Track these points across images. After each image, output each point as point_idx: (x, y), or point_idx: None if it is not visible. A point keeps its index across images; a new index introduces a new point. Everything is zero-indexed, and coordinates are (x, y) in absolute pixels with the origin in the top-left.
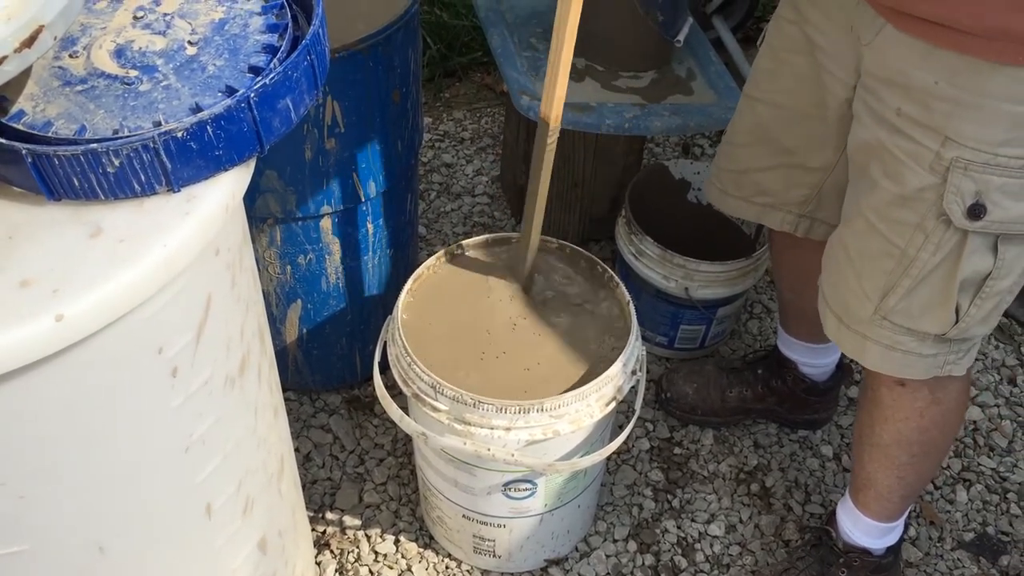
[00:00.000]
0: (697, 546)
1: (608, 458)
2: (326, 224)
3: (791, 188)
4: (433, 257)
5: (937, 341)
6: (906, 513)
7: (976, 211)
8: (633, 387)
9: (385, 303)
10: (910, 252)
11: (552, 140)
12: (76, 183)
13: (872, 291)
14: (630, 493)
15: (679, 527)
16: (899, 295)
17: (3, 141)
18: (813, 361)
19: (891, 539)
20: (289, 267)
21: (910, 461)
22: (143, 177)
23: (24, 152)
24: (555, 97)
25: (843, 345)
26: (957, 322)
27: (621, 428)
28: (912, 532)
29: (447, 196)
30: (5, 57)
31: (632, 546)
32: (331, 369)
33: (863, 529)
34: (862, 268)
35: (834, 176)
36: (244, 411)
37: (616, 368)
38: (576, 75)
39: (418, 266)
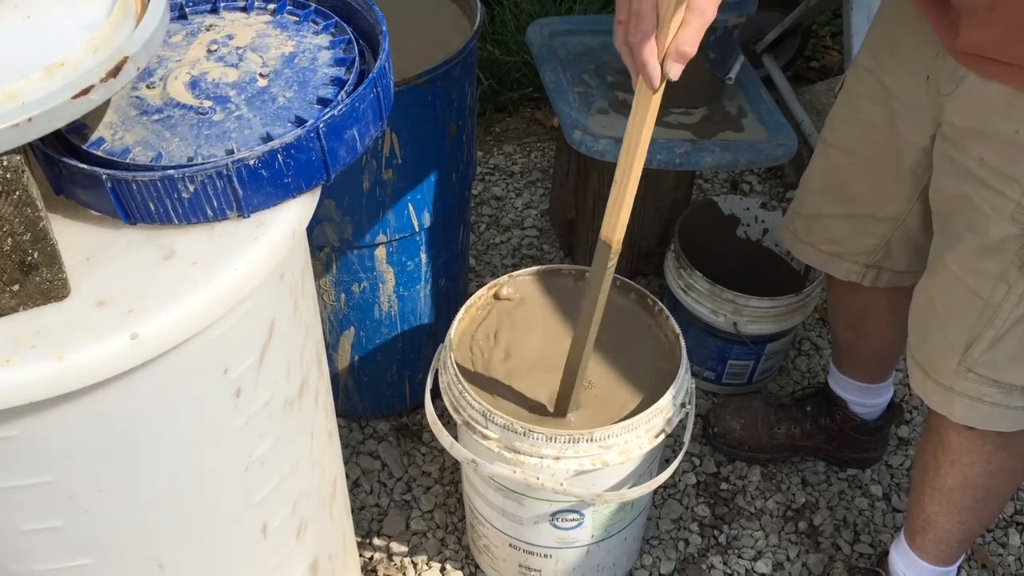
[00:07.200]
0: None
1: (654, 492)
2: (380, 253)
3: (859, 237)
4: (485, 287)
5: None
6: (961, 558)
7: None
8: (681, 420)
9: (435, 332)
10: (993, 303)
11: (612, 263)
12: (152, 207)
13: (956, 343)
14: (676, 527)
15: (725, 563)
16: (983, 347)
17: (84, 166)
18: (865, 400)
19: None
20: (343, 295)
21: (973, 506)
22: (215, 203)
23: (104, 177)
24: (619, 220)
25: (929, 399)
26: None
27: (668, 462)
28: None
29: (496, 228)
30: (92, 87)
31: None
32: (381, 396)
33: (917, 573)
34: (946, 320)
35: (904, 227)
36: (301, 433)
37: (666, 400)
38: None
39: (469, 296)
